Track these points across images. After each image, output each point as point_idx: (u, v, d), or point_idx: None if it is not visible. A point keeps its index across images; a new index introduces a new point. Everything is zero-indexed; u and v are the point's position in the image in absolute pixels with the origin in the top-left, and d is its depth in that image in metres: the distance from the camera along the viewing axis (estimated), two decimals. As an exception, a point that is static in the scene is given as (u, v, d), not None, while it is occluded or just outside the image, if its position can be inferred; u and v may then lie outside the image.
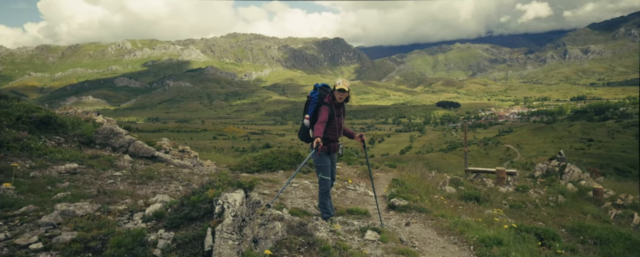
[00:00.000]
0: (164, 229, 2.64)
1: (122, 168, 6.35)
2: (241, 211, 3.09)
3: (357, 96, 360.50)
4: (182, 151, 8.25)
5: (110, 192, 3.98)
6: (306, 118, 5.59)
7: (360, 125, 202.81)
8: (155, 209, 2.87)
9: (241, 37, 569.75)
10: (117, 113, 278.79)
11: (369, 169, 6.33)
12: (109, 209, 2.92)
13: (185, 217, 2.77)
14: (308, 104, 5.60)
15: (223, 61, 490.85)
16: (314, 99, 5.59)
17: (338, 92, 5.46)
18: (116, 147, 7.01)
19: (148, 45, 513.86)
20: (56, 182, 4.02)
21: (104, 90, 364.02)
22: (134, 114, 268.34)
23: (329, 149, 5.53)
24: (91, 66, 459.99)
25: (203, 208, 2.85)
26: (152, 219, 2.78)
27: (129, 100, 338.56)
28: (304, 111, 5.63)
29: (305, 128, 5.64)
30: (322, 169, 5.58)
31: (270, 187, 7.28)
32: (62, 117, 6.83)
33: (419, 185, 8.98)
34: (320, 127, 5.13)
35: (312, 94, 5.62)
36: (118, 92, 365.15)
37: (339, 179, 9.55)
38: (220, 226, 2.60)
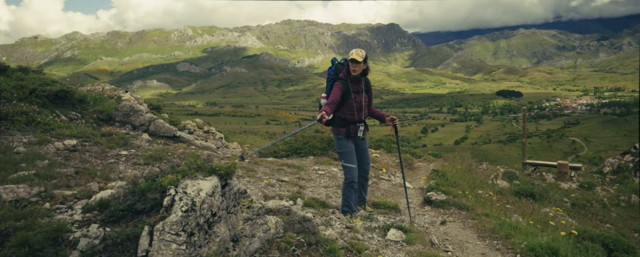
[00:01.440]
0: (99, 223, 2.09)
1: (135, 147, 6.00)
2: (209, 204, 2.45)
3: (410, 84, 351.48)
4: (206, 132, 7.86)
5: (90, 172, 3.55)
6: (322, 97, 4.81)
7: (413, 113, 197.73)
8: (103, 196, 2.33)
9: (295, 23, 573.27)
10: (178, 97, 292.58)
11: (399, 158, 5.48)
12: (53, 194, 2.42)
13: (128, 209, 2.20)
14: (327, 81, 4.89)
15: (277, 48, 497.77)
16: (330, 76, 4.81)
17: (351, 64, 4.58)
18: (136, 126, 6.72)
19: (208, 32, 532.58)
20: (37, 160, 3.66)
21: (167, 74, 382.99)
22: (194, 98, 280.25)
23: (348, 131, 4.76)
24: (155, 52, 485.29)
25: (151, 199, 2.26)
26: (94, 209, 2.25)
27: (190, 85, 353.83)
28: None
29: (320, 106, 4.92)
30: (343, 156, 4.84)
31: (292, 174, 6.66)
32: (83, 93, 6.63)
33: (464, 178, 7.97)
34: (327, 107, 4.31)
35: (329, 69, 4.87)
36: (180, 76, 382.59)
37: (374, 167, 8.74)
38: (162, 224, 1.99)
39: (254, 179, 5.75)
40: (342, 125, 4.68)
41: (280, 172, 6.61)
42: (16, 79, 5.77)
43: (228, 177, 2.84)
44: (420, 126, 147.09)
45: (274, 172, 6.52)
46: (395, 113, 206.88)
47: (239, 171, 6.02)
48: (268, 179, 5.87)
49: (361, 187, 5.11)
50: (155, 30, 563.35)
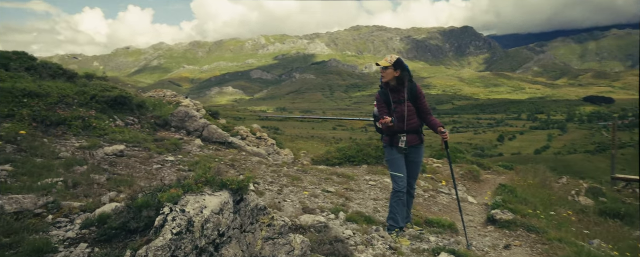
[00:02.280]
0: (90, 242, 1.93)
1: (185, 153, 6.04)
2: (215, 223, 2.20)
3: (485, 89, 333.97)
4: (259, 138, 7.79)
5: (121, 181, 3.51)
6: (376, 105, 4.50)
7: (488, 120, 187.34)
8: (104, 211, 2.17)
9: (363, 29, 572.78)
10: (251, 103, 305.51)
11: (451, 171, 4.92)
12: (61, 205, 2.33)
13: (122, 228, 2.00)
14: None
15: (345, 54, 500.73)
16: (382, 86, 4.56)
17: (381, 71, 4.35)
18: (191, 131, 6.82)
19: (279, 40, 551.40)
20: (76, 166, 3.72)
21: (241, 82, 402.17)
22: (265, 104, 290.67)
23: (391, 141, 4.36)
24: (231, 60, 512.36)
25: (146, 218, 2.05)
26: (93, 224, 2.10)
27: (262, 91, 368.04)
28: None
29: (375, 118, 4.56)
30: (390, 164, 4.46)
31: (341, 184, 6.30)
32: (142, 99, 6.87)
33: (537, 194, 7.06)
34: (383, 127, 4.18)
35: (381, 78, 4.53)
36: (253, 83, 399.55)
37: (432, 179, 8.10)
38: (145, 249, 1.75)
39: (298, 188, 5.50)
40: (388, 134, 4.42)
41: (328, 182, 6.30)
42: (81, 85, 6.13)
43: (243, 192, 2.57)
44: (496, 134, 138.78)
45: (322, 182, 6.22)
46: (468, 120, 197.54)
47: (283, 179, 5.82)
48: (313, 189, 5.58)
49: (406, 204, 4.65)
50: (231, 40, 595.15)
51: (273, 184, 5.36)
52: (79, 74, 6.75)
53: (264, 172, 5.99)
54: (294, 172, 6.44)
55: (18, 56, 6.89)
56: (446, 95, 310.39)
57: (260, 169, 6.21)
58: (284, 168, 6.60)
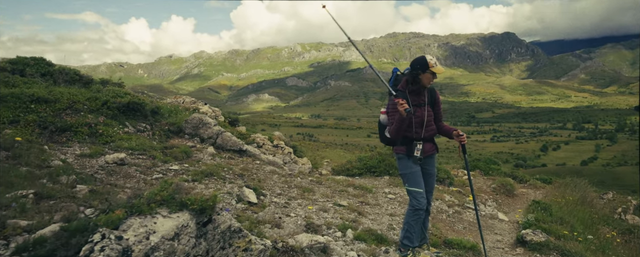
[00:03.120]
0: (12, 269, 1.66)
1: (195, 161, 5.83)
2: (167, 250, 1.88)
3: (528, 97, 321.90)
4: (276, 146, 7.52)
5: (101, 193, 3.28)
6: (382, 113, 3.97)
7: (531, 129, 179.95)
8: (43, 233, 1.90)
9: (400, 36, 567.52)
10: (286, 109, 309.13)
11: (469, 181, 4.37)
12: (5, 224, 2.08)
13: (49, 256, 1.72)
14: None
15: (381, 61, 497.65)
16: (392, 90, 3.85)
17: (429, 76, 3.78)
18: (204, 138, 6.65)
19: (315, 47, 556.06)
20: (64, 175, 3.55)
21: (277, 89, 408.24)
22: (300, 111, 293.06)
23: (408, 150, 3.88)
24: (268, 68, 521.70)
25: (74, 245, 1.75)
26: (27, 249, 1.83)
27: (297, 98, 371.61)
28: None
29: (381, 126, 4.01)
30: (407, 178, 3.89)
31: (356, 197, 5.88)
32: (157, 105, 6.77)
33: (575, 212, 6.35)
34: (392, 129, 3.72)
35: (389, 82, 3.94)
36: (288, 90, 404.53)
37: (459, 193, 7.50)
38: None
39: (307, 201, 5.14)
40: (403, 142, 3.84)
41: (342, 194, 5.90)
42: (94, 90, 6.10)
43: (209, 212, 2.25)
44: (539, 143, 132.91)
45: (335, 194, 5.83)
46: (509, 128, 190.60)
47: (293, 191, 5.47)
48: (324, 202, 5.20)
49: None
50: (268, 48, 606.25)
51: (281, 196, 5.03)
52: (95, 79, 6.75)
53: (274, 182, 5.67)
54: (306, 183, 6.09)
55: (35, 62, 7.00)
56: (486, 102, 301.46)
57: (271, 179, 5.90)
58: (297, 178, 6.26)
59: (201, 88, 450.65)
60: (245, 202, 4.16)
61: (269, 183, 5.59)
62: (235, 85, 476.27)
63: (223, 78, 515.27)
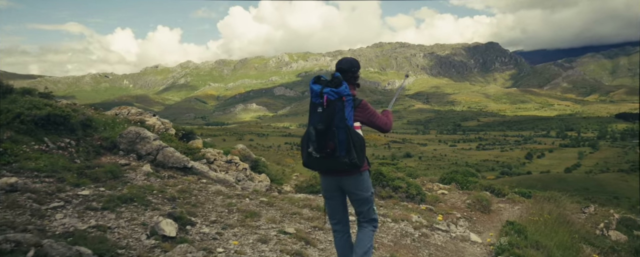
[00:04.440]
0: None
1: (122, 182, 5.13)
2: None
3: (512, 105, 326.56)
4: (229, 162, 6.85)
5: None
6: (357, 127, 3.13)
7: (515, 137, 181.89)
8: None
9: (386, 46, 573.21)
10: (274, 119, 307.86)
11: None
12: None
13: None
14: (338, 106, 2.99)
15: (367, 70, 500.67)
16: (348, 96, 3.06)
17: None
18: (142, 155, 5.95)
19: (302, 57, 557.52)
20: None
21: (265, 98, 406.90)
22: (288, 120, 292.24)
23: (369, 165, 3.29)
24: (255, 77, 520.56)
25: None
26: None
27: (285, 108, 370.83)
28: (327, 118, 2.97)
29: (362, 142, 3.07)
30: (372, 197, 3.32)
31: (309, 221, 5.22)
32: (89, 117, 6.03)
33: (553, 234, 5.80)
34: (389, 121, 3.37)
35: (339, 90, 3.02)
36: (276, 100, 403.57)
37: (430, 211, 6.90)
38: None
39: (247, 229, 4.46)
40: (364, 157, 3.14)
41: (293, 218, 5.25)
42: (9, 101, 5.37)
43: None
44: (524, 151, 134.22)
45: (285, 218, 5.18)
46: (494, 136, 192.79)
47: (234, 216, 4.80)
48: (266, 230, 4.54)
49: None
50: (256, 58, 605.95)
51: (214, 224, 4.36)
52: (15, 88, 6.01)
53: (213, 206, 5.00)
54: (255, 205, 5.43)
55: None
56: (471, 111, 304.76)
57: (213, 202, 5.21)
58: (245, 199, 5.60)
59: (188, 98, 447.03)
60: (158, 237, 3.49)
61: (207, 208, 4.91)
62: (222, 95, 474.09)
63: (210, 88, 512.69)
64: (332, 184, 3.20)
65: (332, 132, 2.91)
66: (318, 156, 2.97)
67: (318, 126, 2.93)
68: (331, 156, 2.94)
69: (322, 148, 2.93)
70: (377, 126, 3.24)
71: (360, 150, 2.98)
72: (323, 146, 2.92)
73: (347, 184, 3.14)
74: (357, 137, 2.99)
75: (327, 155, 2.95)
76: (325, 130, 2.92)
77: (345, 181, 3.13)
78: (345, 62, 3.29)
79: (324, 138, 2.92)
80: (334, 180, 3.17)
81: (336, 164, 2.96)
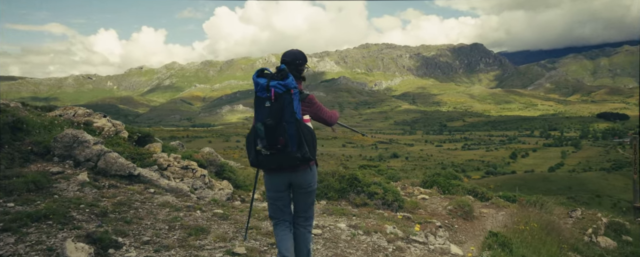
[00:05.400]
0: None
1: (48, 194, 4.41)
2: None
3: (497, 106, 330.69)
4: (185, 168, 6.16)
5: None
6: (306, 120, 3.07)
7: (500, 137, 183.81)
8: None
9: (373, 47, 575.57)
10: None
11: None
12: None
13: None
14: (287, 99, 2.90)
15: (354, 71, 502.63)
16: (296, 89, 2.97)
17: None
18: (80, 161, 5.23)
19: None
20: None
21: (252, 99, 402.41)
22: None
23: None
24: (242, 78, 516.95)
25: None
26: None
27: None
28: (276, 112, 2.87)
29: (313, 135, 2.98)
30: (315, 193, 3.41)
31: (268, 236, 4.58)
32: (20, 118, 5.26)
33: (540, 245, 5.25)
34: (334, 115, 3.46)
35: (286, 83, 2.92)
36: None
37: (407, 220, 6.30)
38: None
39: (188, 251, 3.78)
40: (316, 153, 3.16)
41: (249, 234, 4.58)
42: None
43: None
44: (508, 151, 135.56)
45: (239, 234, 4.51)
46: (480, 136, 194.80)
47: (174, 234, 4.11)
48: (211, 251, 3.87)
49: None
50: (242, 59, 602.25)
51: (147, 245, 3.67)
52: None
53: (152, 222, 4.29)
54: (205, 219, 4.74)
55: None
56: (457, 112, 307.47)
57: (155, 216, 4.50)
58: (196, 212, 4.91)
59: (173, 99, 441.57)
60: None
61: (144, 224, 4.19)
62: (208, 96, 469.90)
63: (196, 89, 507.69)
64: (282, 182, 3.10)
65: (282, 127, 2.83)
66: (268, 153, 2.89)
67: (267, 121, 2.82)
68: (282, 152, 2.87)
69: (272, 144, 2.85)
70: (323, 120, 3.27)
71: (311, 143, 2.92)
72: (273, 141, 2.84)
73: (298, 179, 3.08)
74: (308, 130, 2.92)
75: (278, 151, 2.87)
76: (275, 125, 2.83)
77: (295, 176, 3.06)
78: (289, 54, 3.22)
79: (274, 133, 2.83)
80: (284, 177, 3.07)
81: (288, 159, 2.89)
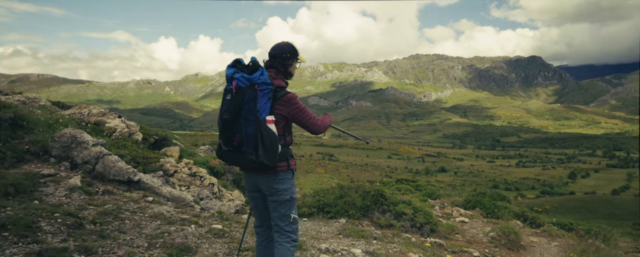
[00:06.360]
0: None
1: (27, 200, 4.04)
2: None
3: (555, 122, 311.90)
4: (193, 175, 5.67)
5: None
6: (269, 121, 2.66)
7: (558, 155, 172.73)
8: None
9: (423, 58, 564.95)
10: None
11: None
12: None
13: None
14: (248, 95, 2.62)
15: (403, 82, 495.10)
16: (268, 85, 2.67)
17: (295, 66, 3.02)
18: (78, 163, 4.87)
19: (337, 68, 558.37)
20: None
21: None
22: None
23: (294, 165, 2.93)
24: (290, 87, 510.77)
25: None
26: None
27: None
28: (234, 107, 2.62)
29: (273, 138, 2.63)
30: (294, 204, 2.95)
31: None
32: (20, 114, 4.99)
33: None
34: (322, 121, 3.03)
35: (252, 76, 2.64)
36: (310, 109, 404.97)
37: (440, 247, 5.40)
38: None
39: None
40: (292, 155, 2.94)
41: (243, 255, 3.96)
42: None
43: None
44: (567, 170, 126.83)
45: (230, 254, 3.90)
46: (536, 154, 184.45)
47: (152, 254, 3.56)
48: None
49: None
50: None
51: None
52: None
53: (134, 237, 3.76)
54: (196, 236, 4.16)
55: None
56: (511, 127, 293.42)
57: (141, 231, 3.97)
58: (189, 227, 4.36)
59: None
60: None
61: (120, 240, 3.63)
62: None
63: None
64: (250, 182, 2.90)
65: (239, 124, 2.61)
66: (226, 149, 2.70)
67: (224, 116, 2.64)
68: (238, 151, 2.64)
69: (227, 141, 2.67)
70: (304, 125, 2.86)
71: (269, 147, 2.59)
72: (229, 138, 2.65)
73: (262, 184, 2.82)
74: (267, 132, 2.60)
75: (233, 149, 2.66)
76: (232, 121, 2.61)
77: (259, 180, 2.81)
78: (277, 47, 2.90)
79: (229, 130, 2.63)
80: (251, 178, 2.87)
81: (243, 160, 2.64)
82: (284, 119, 2.77)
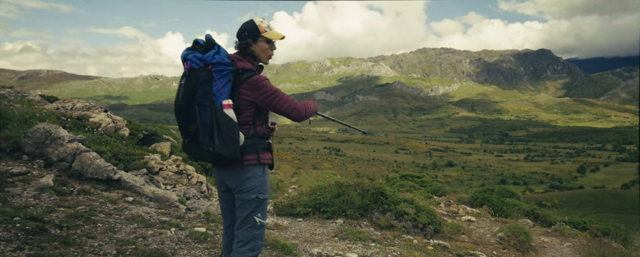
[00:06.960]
0: None
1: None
2: None
3: (564, 116, 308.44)
4: (180, 173, 5.32)
5: None
6: (226, 106, 2.28)
7: (567, 149, 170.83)
8: None
9: (430, 52, 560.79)
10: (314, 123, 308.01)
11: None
12: None
13: None
14: (202, 77, 2.29)
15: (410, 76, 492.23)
16: (227, 65, 2.32)
17: (274, 45, 2.60)
18: (53, 160, 4.54)
19: (344, 62, 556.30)
20: None
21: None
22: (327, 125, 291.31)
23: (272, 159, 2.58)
24: (297, 82, 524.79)
25: None
26: None
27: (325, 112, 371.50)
28: (187, 91, 2.33)
29: (230, 125, 2.27)
30: (264, 206, 2.52)
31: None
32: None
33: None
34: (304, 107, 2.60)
35: (204, 56, 2.31)
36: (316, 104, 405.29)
37: (444, 249, 4.99)
38: None
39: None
40: (267, 147, 2.54)
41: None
42: None
43: None
44: (576, 164, 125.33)
45: (214, 261, 3.53)
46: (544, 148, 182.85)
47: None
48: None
49: None
50: (298, 62, 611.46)
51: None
52: None
53: (102, 244, 3.39)
54: (174, 241, 3.80)
55: None
56: (520, 120, 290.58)
57: (112, 235, 3.60)
58: (168, 230, 4.00)
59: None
60: None
61: (87, 247, 3.24)
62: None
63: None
64: (218, 179, 2.60)
65: (193, 111, 2.33)
66: (186, 140, 2.44)
67: (177, 101, 2.38)
68: (195, 141, 2.37)
69: (184, 130, 2.42)
70: (281, 112, 2.45)
71: (227, 136, 2.25)
72: (184, 127, 2.40)
73: (227, 179, 2.49)
74: (223, 118, 2.26)
75: (191, 140, 2.39)
76: (187, 107, 2.34)
77: (225, 176, 2.49)
78: (241, 26, 2.54)
79: (184, 117, 2.37)
80: (218, 173, 2.57)
81: (201, 152, 2.32)
82: (253, 105, 2.39)
